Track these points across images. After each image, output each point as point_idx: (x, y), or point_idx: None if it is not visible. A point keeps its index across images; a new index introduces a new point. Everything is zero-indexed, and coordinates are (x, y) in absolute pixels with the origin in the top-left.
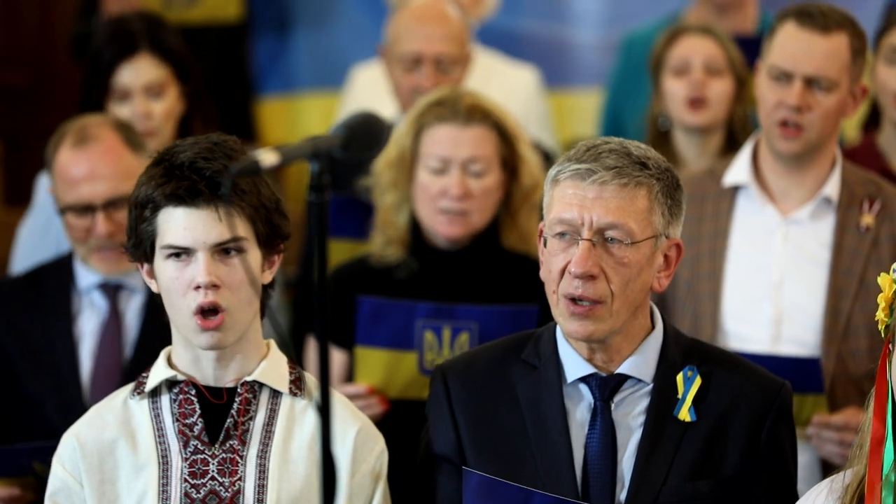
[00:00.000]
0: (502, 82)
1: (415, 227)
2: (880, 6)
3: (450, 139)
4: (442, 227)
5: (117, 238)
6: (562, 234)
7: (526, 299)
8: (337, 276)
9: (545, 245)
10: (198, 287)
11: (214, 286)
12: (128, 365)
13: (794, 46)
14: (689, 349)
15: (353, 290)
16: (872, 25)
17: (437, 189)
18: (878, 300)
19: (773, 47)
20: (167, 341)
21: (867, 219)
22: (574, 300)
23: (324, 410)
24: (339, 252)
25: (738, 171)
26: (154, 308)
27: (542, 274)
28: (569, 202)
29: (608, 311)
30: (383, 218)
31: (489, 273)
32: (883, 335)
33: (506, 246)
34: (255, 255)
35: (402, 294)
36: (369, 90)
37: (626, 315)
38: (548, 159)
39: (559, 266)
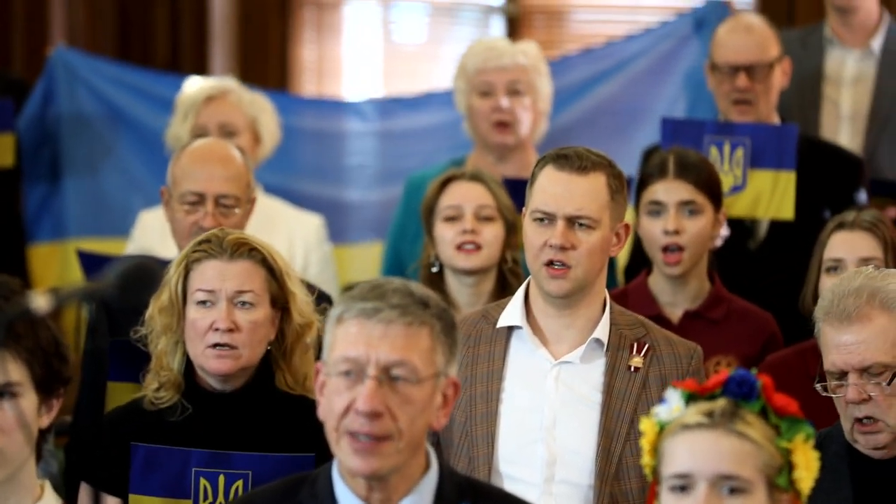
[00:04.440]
0: (286, 226)
1: (188, 371)
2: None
3: (216, 273)
4: (211, 363)
5: None
6: (347, 373)
7: (302, 445)
8: (109, 421)
9: (326, 384)
10: None
11: None
12: None
13: (553, 188)
14: (463, 486)
15: (126, 436)
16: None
17: (205, 324)
18: (641, 444)
19: (535, 192)
20: None
21: (636, 360)
22: (357, 437)
23: None
24: (118, 394)
25: (511, 314)
26: None
27: (322, 412)
28: (354, 341)
29: (395, 449)
30: (157, 363)
31: (264, 417)
32: (650, 478)
33: (280, 387)
34: (30, 398)
35: (176, 438)
36: (156, 233)
37: (408, 454)
38: (328, 303)
39: (343, 404)
